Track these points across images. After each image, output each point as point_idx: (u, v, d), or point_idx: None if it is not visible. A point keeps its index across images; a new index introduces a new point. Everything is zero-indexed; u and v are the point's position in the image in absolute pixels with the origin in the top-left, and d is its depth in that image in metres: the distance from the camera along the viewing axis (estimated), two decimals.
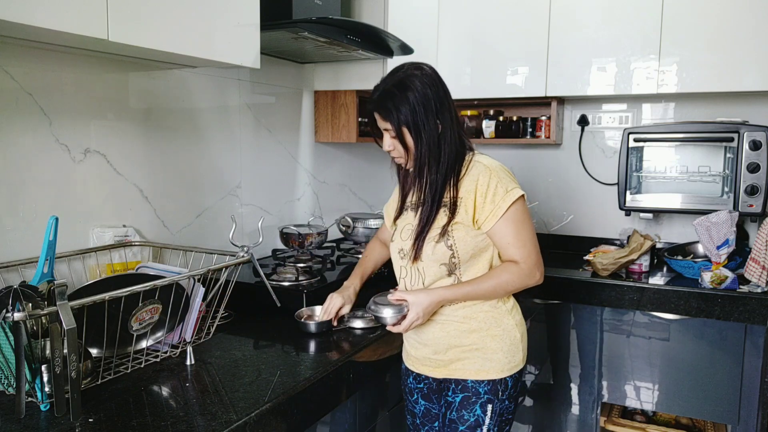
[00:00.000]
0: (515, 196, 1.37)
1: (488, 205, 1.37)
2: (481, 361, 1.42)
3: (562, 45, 2.50)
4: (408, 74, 1.38)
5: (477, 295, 1.39)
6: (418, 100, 1.36)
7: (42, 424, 1.04)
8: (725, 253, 2.18)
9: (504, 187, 1.37)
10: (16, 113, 1.37)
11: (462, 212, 1.39)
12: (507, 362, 1.43)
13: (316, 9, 1.88)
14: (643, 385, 2.29)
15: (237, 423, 1.05)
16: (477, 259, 1.42)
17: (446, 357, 1.45)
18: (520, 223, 1.39)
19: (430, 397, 1.53)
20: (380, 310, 1.40)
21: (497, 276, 1.40)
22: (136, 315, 1.21)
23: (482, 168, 1.40)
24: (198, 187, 1.90)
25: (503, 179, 1.39)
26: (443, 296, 1.39)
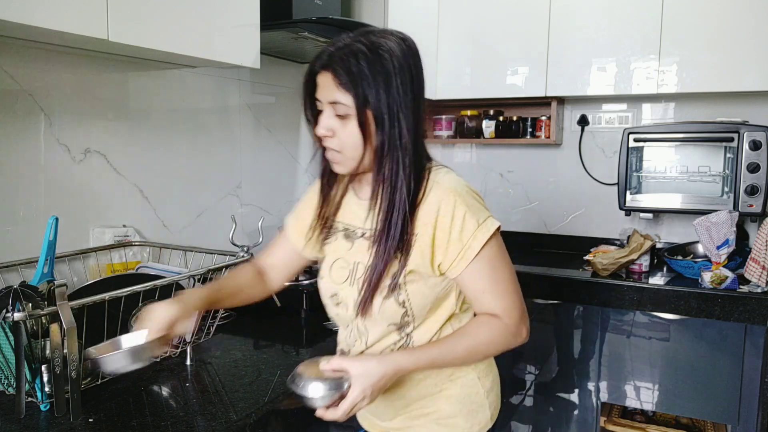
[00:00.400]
0: (490, 231, 1.01)
1: (454, 244, 1.00)
2: (434, 427, 1.12)
3: (562, 45, 2.50)
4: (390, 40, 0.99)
5: (446, 361, 1.05)
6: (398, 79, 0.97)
7: (42, 424, 1.04)
8: (725, 253, 2.18)
9: (475, 219, 1.01)
10: (16, 113, 1.37)
11: (417, 255, 1.01)
12: (468, 427, 1.12)
13: (316, 9, 1.88)
14: (643, 385, 2.29)
15: (237, 423, 1.05)
16: (435, 311, 1.09)
17: (393, 425, 1.15)
18: (497, 264, 1.04)
19: None
20: (306, 386, 0.97)
21: (474, 335, 1.04)
22: (136, 315, 1.21)
23: (444, 192, 1.02)
24: (198, 187, 1.90)
25: (473, 206, 1.02)
26: (401, 365, 1.01)
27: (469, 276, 1.03)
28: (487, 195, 3.02)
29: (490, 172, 3.02)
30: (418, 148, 1.02)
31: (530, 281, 2.35)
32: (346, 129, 1.00)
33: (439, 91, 2.75)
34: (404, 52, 1.00)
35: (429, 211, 1.01)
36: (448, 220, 1.00)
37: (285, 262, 1.27)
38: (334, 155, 1.04)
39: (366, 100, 0.97)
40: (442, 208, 1.01)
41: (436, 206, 1.01)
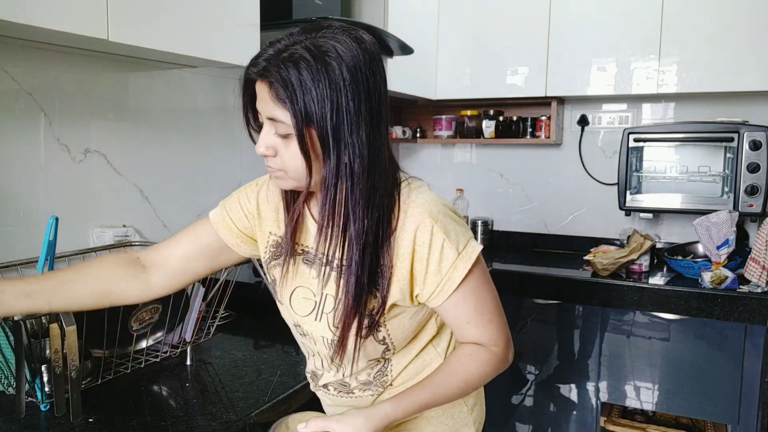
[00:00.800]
0: (472, 259, 0.91)
1: (432, 276, 0.90)
2: None
3: (562, 45, 2.50)
4: (341, 42, 0.82)
5: (439, 402, 0.96)
6: (348, 92, 0.81)
7: (42, 424, 1.04)
8: (725, 253, 2.18)
9: (454, 248, 0.90)
10: (16, 113, 1.37)
11: (395, 291, 0.91)
12: None
13: (316, 9, 1.88)
14: (643, 385, 2.29)
15: (237, 423, 1.05)
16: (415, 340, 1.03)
17: None
18: (481, 293, 0.94)
19: None
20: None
21: (464, 371, 0.95)
22: (136, 315, 1.21)
23: (419, 216, 0.89)
24: (198, 187, 1.90)
25: (451, 232, 0.90)
26: (390, 417, 0.91)
27: (450, 307, 0.93)
28: (487, 195, 3.02)
29: (490, 172, 3.02)
30: (378, 172, 0.85)
31: (530, 281, 2.35)
32: (289, 149, 0.84)
33: (439, 91, 2.76)
34: (356, 58, 0.82)
35: (405, 240, 0.89)
36: (425, 251, 0.89)
37: (186, 260, 1.05)
38: (277, 173, 0.89)
39: (308, 118, 0.80)
40: (419, 237, 0.89)
41: (412, 234, 0.89)
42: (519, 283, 2.37)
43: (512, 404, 2.53)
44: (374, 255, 0.87)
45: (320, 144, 0.82)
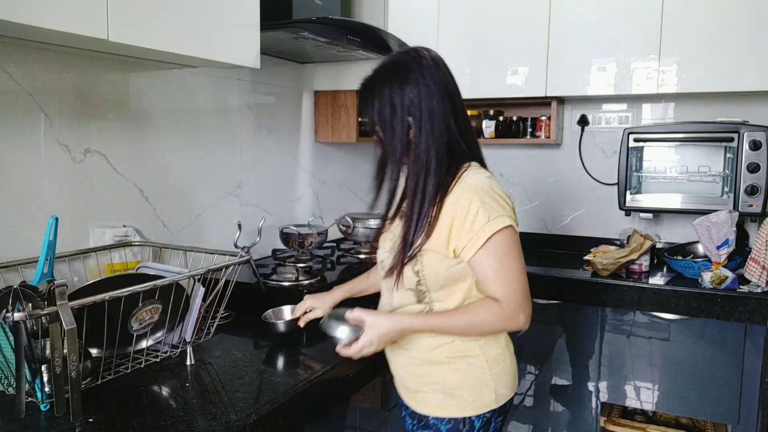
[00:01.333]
0: (498, 226, 1.17)
1: (466, 233, 1.18)
2: (441, 395, 1.27)
3: (562, 45, 2.50)
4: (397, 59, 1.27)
5: (445, 330, 1.23)
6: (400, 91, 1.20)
7: (42, 424, 1.04)
8: (725, 253, 2.18)
9: (486, 215, 1.17)
10: (16, 113, 1.37)
11: (435, 237, 1.21)
12: (472, 400, 1.26)
13: (316, 9, 1.88)
14: (643, 385, 2.29)
15: (237, 423, 1.05)
16: (450, 290, 1.25)
17: (410, 384, 1.32)
18: (504, 256, 1.19)
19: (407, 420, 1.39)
20: (334, 327, 1.25)
21: (473, 313, 1.21)
22: (136, 315, 1.21)
23: (464, 189, 1.20)
24: (198, 187, 1.90)
25: (487, 204, 1.18)
26: (405, 324, 1.23)
27: (477, 262, 1.20)
28: None
29: None
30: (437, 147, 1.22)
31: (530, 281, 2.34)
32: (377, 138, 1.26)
33: None
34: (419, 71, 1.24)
35: (451, 203, 1.20)
36: (463, 213, 1.18)
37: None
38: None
39: (372, 121, 1.24)
40: (461, 202, 1.19)
41: (456, 200, 1.19)
42: None
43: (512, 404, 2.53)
44: (426, 208, 1.21)
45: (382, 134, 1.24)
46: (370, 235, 2.22)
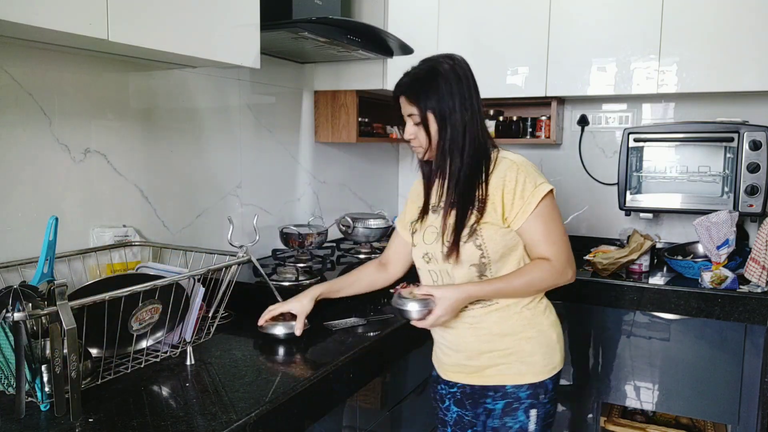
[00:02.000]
0: (544, 191, 1.35)
1: (517, 201, 1.34)
2: (518, 365, 1.38)
3: (562, 45, 2.50)
4: (439, 62, 1.39)
5: (507, 292, 1.36)
6: (447, 87, 1.36)
7: (42, 424, 1.04)
8: (725, 253, 2.18)
9: (532, 182, 1.35)
10: (16, 113, 1.37)
11: (491, 211, 1.35)
12: (545, 364, 1.40)
13: (316, 9, 1.88)
14: (643, 385, 2.29)
15: (237, 423, 1.05)
16: (507, 259, 1.38)
17: (479, 363, 1.41)
18: (549, 219, 1.37)
19: (463, 403, 1.46)
20: (405, 304, 1.34)
21: (528, 273, 1.36)
22: (136, 315, 1.21)
23: (508, 164, 1.37)
24: (198, 187, 1.90)
25: (531, 174, 1.37)
26: (470, 292, 1.35)
27: (527, 227, 1.35)
28: None
29: None
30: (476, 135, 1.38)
31: None
32: (422, 130, 1.38)
33: None
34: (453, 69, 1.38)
35: (499, 178, 1.36)
36: (512, 184, 1.34)
37: (401, 254, 1.60)
38: (417, 149, 1.43)
39: (426, 108, 1.36)
40: (507, 176, 1.35)
41: (502, 174, 1.36)
42: None
43: None
44: (470, 191, 1.36)
45: (436, 125, 1.37)
46: (370, 235, 2.22)
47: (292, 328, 1.48)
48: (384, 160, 3.09)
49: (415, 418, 1.89)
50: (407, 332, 1.69)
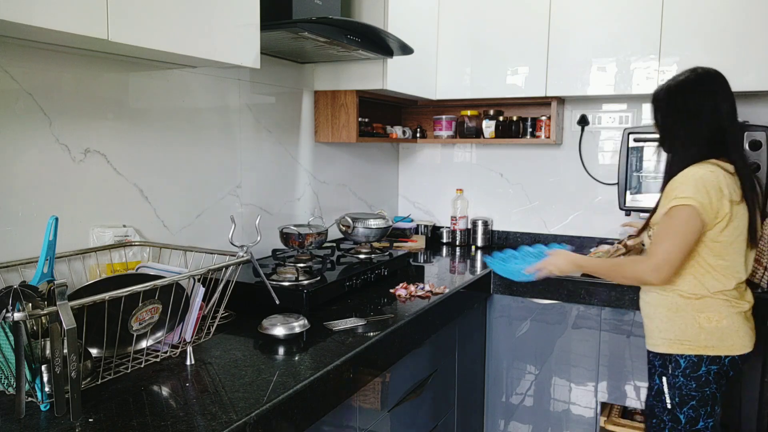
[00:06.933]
0: (676, 202, 1.58)
1: (663, 205, 1.64)
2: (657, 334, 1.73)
3: (562, 45, 2.50)
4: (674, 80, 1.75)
5: (608, 273, 1.75)
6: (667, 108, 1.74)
7: (42, 424, 1.04)
8: None
9: (675, 194, 1.59)
10: (16, 113, 1.37)
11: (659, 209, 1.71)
12: (679, 342, 1.66)
13: (316, 9, 1.88)
14: (643, 385, 2.29)
15: (237, 423, 1.05)
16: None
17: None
18: (669, 227, 1.60)
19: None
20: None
21: (625, 262, 1.75)
22: (136, 315, 1.21)
23: (680, 176, 1.63)
24: (198, 187, 1.90)
25: (685, 190, 1.59)
26: (578, 263, 1.82)
27: (659, 225, 1.64)
28: (487, 195, 3.03)
29: (490, 172, 3.02)
30: (685, 147, 1.67)
31: (530, 281, 2.35)
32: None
33: (439, 91, 2.76)
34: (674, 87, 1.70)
35: (670, 186, 1.63)
36: (670, 192, 1.61)
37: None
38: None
39: (657, 117, 1.76)
40: (672, 184, 1.62)
41: (674, 182, 1.62)
42: (519, 283, 2.36)
43: (512, 404, 2.53)
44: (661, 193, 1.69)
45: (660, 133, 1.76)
46: (370, 235, 2.22)
47: (293, 328, 1.48)
48: (384, 160, 3.09)
49: (416, 418, 1.89)
50: (407, 332, 1.69)
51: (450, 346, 2.14)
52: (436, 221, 3.15)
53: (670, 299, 1.67)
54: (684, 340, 1.65)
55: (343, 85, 2.38)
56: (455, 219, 2.98)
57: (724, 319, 1.63)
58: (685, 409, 1.66)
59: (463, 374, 2.28)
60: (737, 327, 1.64)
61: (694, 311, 1.64)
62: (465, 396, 2.32)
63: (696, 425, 1.66)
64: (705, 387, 1.64)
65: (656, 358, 1.73)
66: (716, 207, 1.56)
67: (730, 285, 1.63)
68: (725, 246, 1.61)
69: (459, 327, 2.20)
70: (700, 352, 1.63)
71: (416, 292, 1.96)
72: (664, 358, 1.69)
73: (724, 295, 1.63)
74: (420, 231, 3.07)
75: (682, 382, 1.65)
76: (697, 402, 1.64)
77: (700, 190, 1.55)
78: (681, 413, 1.66)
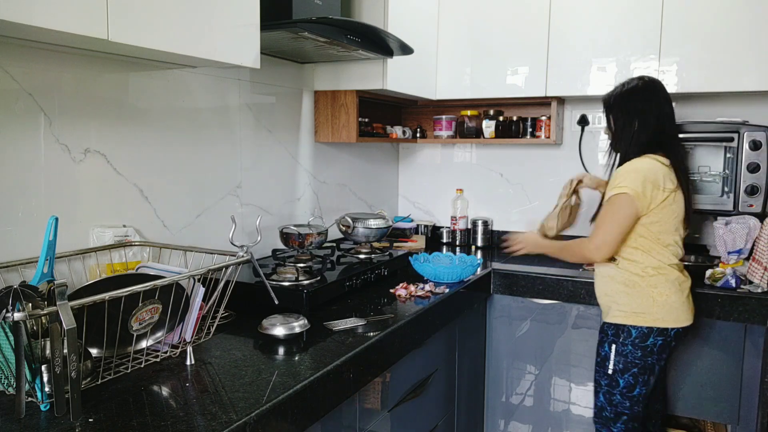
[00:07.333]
0: (616, 191, 1.79)
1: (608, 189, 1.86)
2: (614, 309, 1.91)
3: (562, 45, 2.50)
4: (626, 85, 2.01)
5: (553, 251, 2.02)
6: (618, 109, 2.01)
7: (42, 424, 1.04)
8: (735, 258, 2.18)
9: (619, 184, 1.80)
10: (16, 113, 1.37)
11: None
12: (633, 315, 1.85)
13: (316, 9, 1.88)
14: None
15: (237, 423, 1.05)
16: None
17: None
18: (608, 212, 1.83)
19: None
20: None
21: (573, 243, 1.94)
22: (136, 315, 1.21)
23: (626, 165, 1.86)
24: (198, 187, 1.90)
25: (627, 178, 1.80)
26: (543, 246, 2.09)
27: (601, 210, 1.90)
28: (487, 195, 3.03)
29: (490, 172, 3.02)
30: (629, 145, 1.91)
31: (530, 281, 2.35)
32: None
33: (439, 91, 2.76)
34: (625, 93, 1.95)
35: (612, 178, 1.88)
36: (612, 182, 1.85)
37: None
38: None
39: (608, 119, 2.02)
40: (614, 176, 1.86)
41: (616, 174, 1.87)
42: (519, 283, 2.37)
43: (512, 404, 2.53)
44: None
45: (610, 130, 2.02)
46: (370, 235, 2.22)
47: (293, 328, 1.48)
48: (384, 160, 3.09)
49: (416, 418, 1.89)
50: (407, 332, 1.69)
51: (450, 346, 2.14)
52: (436, 221, 3.15)
53: (626, 276, 1.86)
54: (639, 312, 1.83)
55: (343, 85, 2.38)
56: (455, 219, 2.98)
57: (673, 294, 1.84)
58: (626, 375, 1.85)
59: (463, 374, 2.28)
60: (682, 301, 1.86)
61: (649, 287, 1.83)
62: (465, 396, 2.32)
63: (632, 391, 1.85)
64: (648, 357, 1.84)
65: (610, 328, 1.89)
66: (650, 195, 1.78)
67: (673, 261, 1.87)
68: (664, 226, 1.83)
69: (459, 327, 2.20)
70: (651, 324, 1.82)
71: (416, 292, 1.96)
72: (618, 328, 1.87)
73: (671, 272, 1.86)
74: (420, 231, 3.07)
75: (630, 350, 1.84)
76: (639, 369, 1.84)
77: (636, 181, 1.78)
78: (622, 378, 1.86)
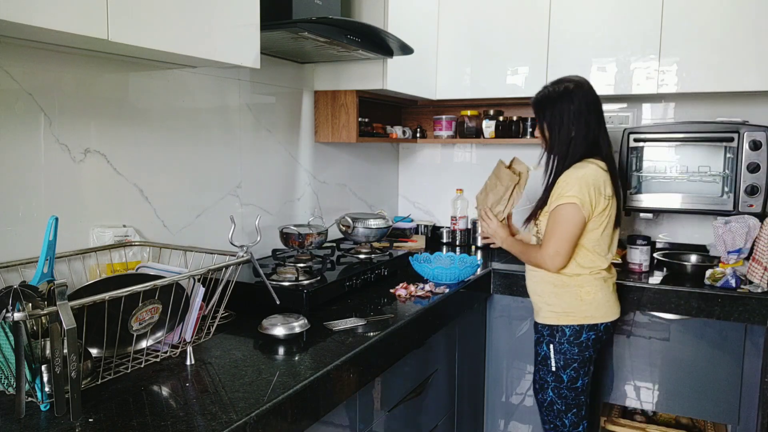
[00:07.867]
0: (563, 200, 1.81)
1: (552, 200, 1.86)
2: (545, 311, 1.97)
3: (562, 45, 2.50)
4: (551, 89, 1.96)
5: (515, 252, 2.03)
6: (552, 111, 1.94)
7: (42, 424, 1.04)
8: (734, 258, 2.18)
9: (565, 193, 1.81)
10: (16, 113, 1.37)
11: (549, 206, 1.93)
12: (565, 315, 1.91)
13: (316, 9, 1.88)
14: (643, 385, 2.29)
15: (237, 423, 1.05)
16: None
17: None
18: (556, 223, 1.84)
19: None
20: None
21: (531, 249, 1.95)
22: (136, 315, 1.21)
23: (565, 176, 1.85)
24: (198, 187, 1.90)
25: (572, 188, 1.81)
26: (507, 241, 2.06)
27: (549, 219, 1.87)
28: None
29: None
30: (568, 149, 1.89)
31: None
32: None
33: (439, 91, 2.76)
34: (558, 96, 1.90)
35: (557, 185, 1.86)
36: (558, 192, 1.84)
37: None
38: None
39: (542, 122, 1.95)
40: (559, 183, 1.85)
41: (560, 182, 1.85)
42: (519, 283, 2.37)
43: (512, 404, 2.53)
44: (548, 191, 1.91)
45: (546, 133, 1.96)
46: (370, 235, 2.22)
47: (293, 328, 1.48)
48: (384, 160, 3.09)
49: (416, 418, 1.89)
50: (407, 332, 1.69)
51: (450, 346, 2.14)
52: (436, 221, 3.15)
53: (556, 277, 1.92)
54: (569, 312, 1.90)
55: (343, 85, 2.38)
56: (455, 219, 2.98)
57: (599, 292, 1.91)
58: (568, 370, 1.92)
59: (463, 374, 2.28)
60: (608, 298, 1.94)
61: (576, 287, 1.90)
62: (465, 396, 2.32)
63: (576, 383, 1.93)
64: (585, 351, 1.92)
65: (545, 329, 1.96)
66: (594, 203, 1.82)
67: (604, 264, 1.92)
68: (600, 233, 1.87)
69: (459, 327, 2.20)
70: (582, 321, 1.90)
71: (416, 292, 1.96)
72: (552, 329, 1.94)
73: (599, 273, 1.91)
74: (420, 231, 3.07)
75: (567, 348, 1.91)
76: (579, 364, 1.92)
77: (582, 189, 1.80)
78: (564, 374, 1.93)
